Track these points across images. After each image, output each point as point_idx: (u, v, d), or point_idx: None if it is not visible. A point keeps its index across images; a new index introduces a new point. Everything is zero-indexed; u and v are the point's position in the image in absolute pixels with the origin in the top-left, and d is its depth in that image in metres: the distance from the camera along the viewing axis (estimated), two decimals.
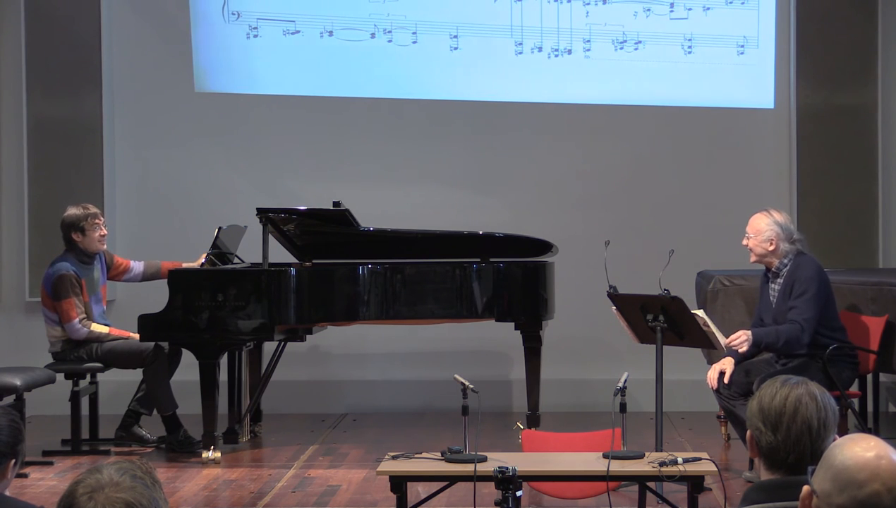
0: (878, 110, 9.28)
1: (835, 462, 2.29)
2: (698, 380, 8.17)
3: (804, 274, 6.73)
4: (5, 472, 3.36)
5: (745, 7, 9.36)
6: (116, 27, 9.47)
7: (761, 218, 6.87)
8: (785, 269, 6.80)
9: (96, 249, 7.97)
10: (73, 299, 7.80)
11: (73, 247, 7.92)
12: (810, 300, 6.67)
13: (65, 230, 7.92)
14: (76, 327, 7.81)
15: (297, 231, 8.05)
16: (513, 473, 4.53)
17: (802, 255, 6.81)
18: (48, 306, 7.89)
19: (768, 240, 6.79)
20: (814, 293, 6.68)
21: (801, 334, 6.64)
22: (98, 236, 7.94)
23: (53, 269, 7.86)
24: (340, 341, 9.33)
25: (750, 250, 6.87)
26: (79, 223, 7.90)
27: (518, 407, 8.85)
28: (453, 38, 9.38)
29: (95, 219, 7.94)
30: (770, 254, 6.81)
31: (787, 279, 6.77)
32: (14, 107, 9.42)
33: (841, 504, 2.24)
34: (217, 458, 7.53)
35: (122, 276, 8.25)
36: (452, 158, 9.50)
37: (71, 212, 7.95)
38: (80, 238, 7.91)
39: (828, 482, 2.26)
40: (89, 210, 7.97)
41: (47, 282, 7.87)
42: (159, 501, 2.29)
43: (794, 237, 6.85)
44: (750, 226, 6.88)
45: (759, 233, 6.82)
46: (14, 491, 3.85)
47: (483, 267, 7.80)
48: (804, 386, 2.82)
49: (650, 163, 9.45)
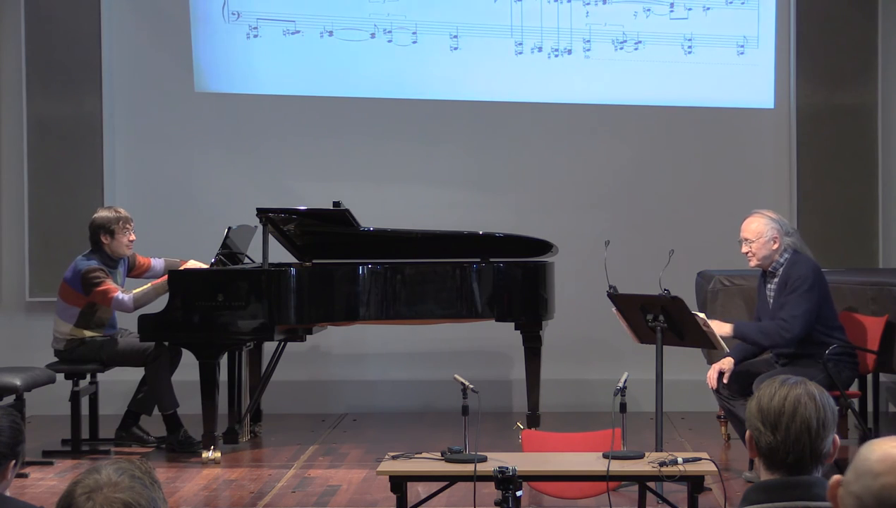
0: (878, 110, 9.28)
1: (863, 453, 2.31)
2: (698, 380, 8.17)
3: (798, 271, 6.70)
4: (5, 473, 3.36)
5: (745, 7, 9.36)
6: (116, 27, 9.47)
7: (757, 220, 6.82)
8: (781, 268, 6.79)
9: (123, 254, 7.95)
10: (106, 280, 7.77)
11: (99, 248, 7.89)
12: (800, 297, 6.64)
13: (93, 231, 7.88)
14: (120, 300, 7.75)
15: (297, 231, 8.05)
16: (513, 473, 4.53)
17: (798, 254, 6.80)
18: (69, 300, 7.84)
19: (771, 239, 6.77)
20: (804, 290, 6.64)
21: (784, 331, 6.62)
22: (127, 241, 7.91)
23: (80, 266, 7.82)
24: (340, 341, 9.34)
25: (751, 256, 6.82)
26: (109, 226, 7.87)
27: (518, 407, 8.85)
28: (453, 38, 9.38)
29: (126, 224, 7.90)
30: (774, 253, 6.78)
31: (782, 277, 6.76)
32: (14, 107, 9.43)
33: (854, 492, 2.25)
34: (217, 458, 7.53)
35: (144, 275, 8.22)
36: (452, 158, 9.50)
37: (102, 214, 7.93)
38: (109, 240, 7.88)
39: (851, 471, 2.28)
40: (121, 214, 7.92)
41: (74, 279, 7.81)
42: (158, 501, 2.29)
43: (789, 230, 6.85)
44: (747, 232, 6.80)
45: (760, 236, 6.77)
46: (14, 491, 3.85)
47: (483, 267, 7.80)
48: (803, 385, 2.82)
49: (650, 163, 9.45)
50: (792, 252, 6.79)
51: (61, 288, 7.92)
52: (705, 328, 6.46)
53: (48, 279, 9.06)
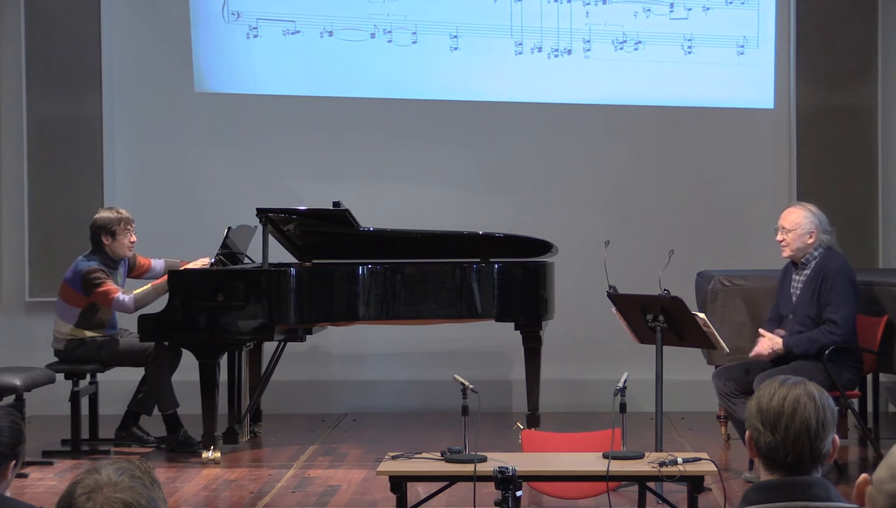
0: (878, 110, 9.28)
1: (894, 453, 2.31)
2: (698, 380, 8.18)
3: (835, 264, 6.72)
4: (5, 473, 3.36)
5: (745, 7, 9.36)
6: (116, 27, 9.47)
7: (797, 211, 6.85)
8: (813, 261, 6.79)
9: (124, 255, 7.96)
10: (107, 281, 7.78)
11: (100, 249, 7.89)
12: (844, 296, 6.67)
13: (94, 232, 7.88)
14: (121, 301, 7.76)
15: (297, 231, 8.05)
16: (513, 473, 4.53)
17: (832, 250, 6.82)
18: (70, 300, 7.85)
19: (808, 233, 6.78)
20: (847, 286, 6.69)
21: (834, 336, 6.64)
22: (128, 242, 7.91)
23: (81, 267, 7.83)
24: (340, 341, 9.34)
25: (785, 245, 6.83)
26: (110, 226, 7.87)
27: (518, 407, 8.84)
28: (453, 38, 9.37)
29: (128, 225, 7.90)
30: (808, 247, 6.80)
31: (815, 270, 6.77)
32: (14, 107, 9.43)
33: (891, 491, 2.25)
34: (217, 458, 7.53)
35: (144, 275, 8.22)
36: (452, 158, 9.50)
37: (103, 214, 7.92)
38: (110, 242, 7.88)
39: (884, 469, 2.28)
40: (122, 215, 7.93)
41: (75, 280, 7.82)
42: (158, 501, 2.29)
43: (827, 228, 6.86)
44: (786, 221, 6.84)
45: (798, 227, 6.79)
46: (14, 492, 3.85)
47: (483, 267, 7.80)
48: (802, 386, 2.81)
49: (650, 163, 9.45)
50: (826, 248, 6.81)
51: (62, 289, 7.92)
52: (705, 328, 6.46)
53: (48, 279, 9.06)
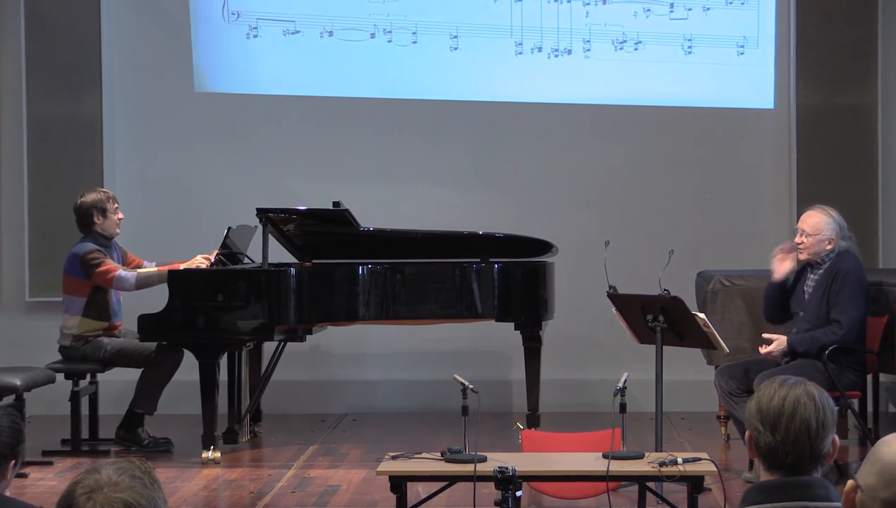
0: (878, 110, 9.28)
1: (882, 458, 2.28)
2: (698, 380, 8.18)
3: (846, 265, 6.74)
4: (5, 473, 3.36)
5: (745, 7, 9.36)
6: (116, 27, 9.47)
7: (819, 216, 6.85)
8: (827, 262, 6.80)
9: (114, 232, 8.01)
10: (106, 260, 7.80)
11: (90, 230, 7.93)
12: (852, 297, 6.68)
13: (84, 213, 7.92)
14: (122, 277, 7.80)
15: (297, 231, 8.05)
16: (513, 473, 4.53)
17: (847, 251, 6.83)
18: (73, 291, 7.86)
19: (828, 239, 6.79)
20: (856, 287, 6.70)
21: (833, 336, 6.65)
22: (117, 219, 7.99)
23: (77, 250, 7.87)
24: (340, 341, 9.34)
25: (803, 248, 6.83)
26: (101, 204, 7.93)
27: (518, 406, 8.84)
28: (453, 38, 9.37)
29: (115, 202, 8.01)
30: (826, 252, 6.81)
31: (827, 271, 6.78)
32: (14, 107, 9.43)
33: (886, 498, 2.24)
34: (217, 458, 7.53)
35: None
36: (452, 158, 9.50)
37: (90, 196, 7.97)
38: (101, 220, 7.92)
39: (874, 476, 2.26)
40: (108, 192, 8.07)
41: (73, 265, 7.85)
42: (158, 501, 2.29)
43: (846, 234, 6.86)
44: (806, 225, 6.84)
45: (819, 232, 6.80)
46: (14, 491, 3.85)
47: (483, 268, 7.80)
48: (802, 386, 2.81)
49: (650, 163, 9.45)
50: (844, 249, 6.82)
51: (64, 283, 7.94)
52: (705, 328, 6.46)
53: (48, 279, 9.05)
